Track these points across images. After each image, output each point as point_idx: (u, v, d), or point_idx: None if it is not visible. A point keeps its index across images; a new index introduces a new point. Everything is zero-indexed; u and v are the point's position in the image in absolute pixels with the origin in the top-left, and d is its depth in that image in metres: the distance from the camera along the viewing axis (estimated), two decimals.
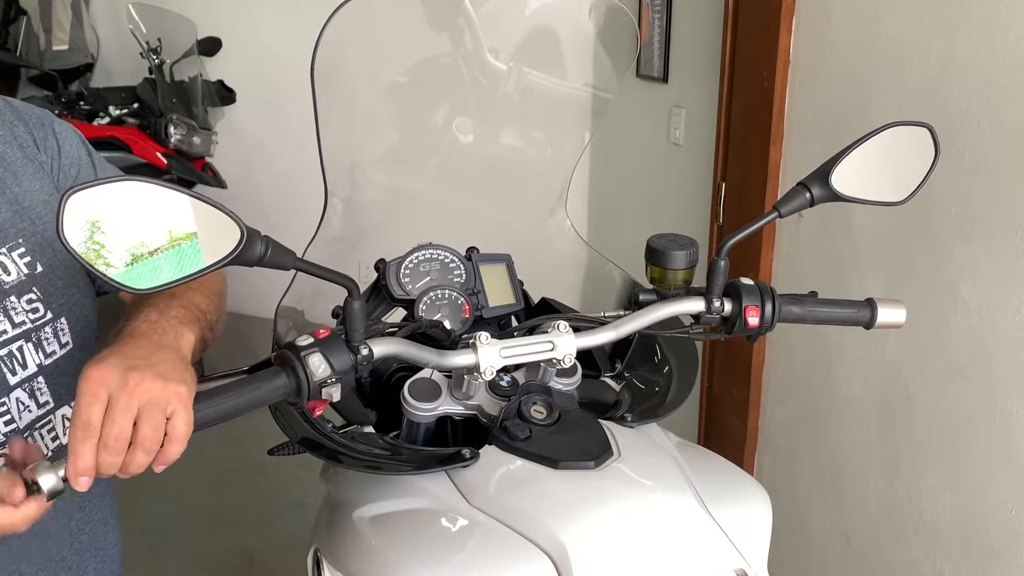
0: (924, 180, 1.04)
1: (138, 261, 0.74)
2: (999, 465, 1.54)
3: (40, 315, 1.02)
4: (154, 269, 0.74)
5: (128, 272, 0.73)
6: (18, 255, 1.01)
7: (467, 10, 1.23)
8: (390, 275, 1.14)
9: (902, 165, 1.04)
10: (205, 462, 2.94)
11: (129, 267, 0.73)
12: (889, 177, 1.04)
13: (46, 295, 1.02)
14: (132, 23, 3.50)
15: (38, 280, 1.02)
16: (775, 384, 2.17)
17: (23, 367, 1.00)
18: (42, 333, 1.02)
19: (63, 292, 1.04)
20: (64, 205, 0.71)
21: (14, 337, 0.99)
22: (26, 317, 1.00)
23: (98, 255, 0.73)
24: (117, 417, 0.76)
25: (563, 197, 1.33)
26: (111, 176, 0.80)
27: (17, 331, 0.99)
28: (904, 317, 1.06)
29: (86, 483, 0.76)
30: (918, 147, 1.03)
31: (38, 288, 1.02)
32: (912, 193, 1.04)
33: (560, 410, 1.01)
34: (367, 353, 0.89)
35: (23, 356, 1.00)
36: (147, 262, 0.74)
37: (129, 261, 0.73)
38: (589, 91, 1.35)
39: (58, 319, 1.04)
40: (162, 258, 0.74)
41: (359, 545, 0.95)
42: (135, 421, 0.78)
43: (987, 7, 1.47)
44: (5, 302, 0.99)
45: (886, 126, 1.02)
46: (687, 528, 0.91)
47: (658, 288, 1.06)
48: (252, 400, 0.84)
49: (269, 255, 0.79)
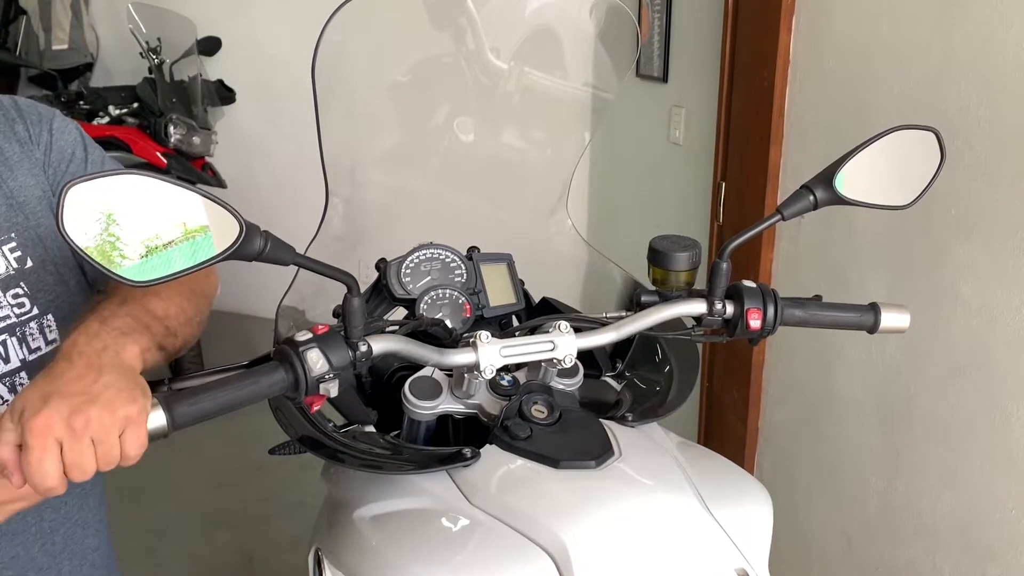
0: (929, 184, 1.03)
1: (152, 253, 0.74)
2: (999, 465, 1.54)
3: (26, 310, 1.02)
4: (168, 261, 0.75)
5: (142, 264, 0.74)
6: (8, 249, 1.02)
7: (468, 10, 1.23)
8: (391, 274, 1.14)
9: (907, 169, 1.03)
10: (205, 462, 2.95)
11: (144, 259, 0.74)
12: (894, 181, 1.04)
13: (34, 291, 1.03)
14: (131, 23, 3.51)
15: (27, 275, 1.03)
16: (775, 384, 2.17)
17: (5, 362, 1.00)
18: (27, 328, 1.02)
19: (52, 288, 1.05)
20: (64, 197, 0.71)
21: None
22: (11, 311, 1.01)
23: (113, 247, 0.73)
24: (76, 460, 0.77)
25: (564, 197, 1.33)
26: (110, 170, 0.80)
27: (1, 325, 1.00)
28: (908, 322, 1.05)
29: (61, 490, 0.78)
30: (924, 151, 1.02)
31: (26, 283, 1.02)
32: (917, 197, 1.04)
33: (561, 409, 1.00)
34: (366, 349, 0.89)
35: (6, 351, 1.00)
36: (161, 254, 0.74)
37: (144, 253, 0.74)
38: (590, 91, 1.35)
39: (44, 315, 1.04)
40: (175, 250, 0.75)
41: (360, 544, 0.95)
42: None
43: (987, 7, 1.47)
44: None
45: (891, 129, 1.02)
46: (688, 528, 0.91)
47: (660, 289, 1.06)
48: (250, 394, 0.85)
49: (268, 250, 0.80)
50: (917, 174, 1.03)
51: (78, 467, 0.77)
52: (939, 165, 1.02)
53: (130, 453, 0.79)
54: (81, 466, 0.77)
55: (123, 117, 3.58)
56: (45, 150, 1.07)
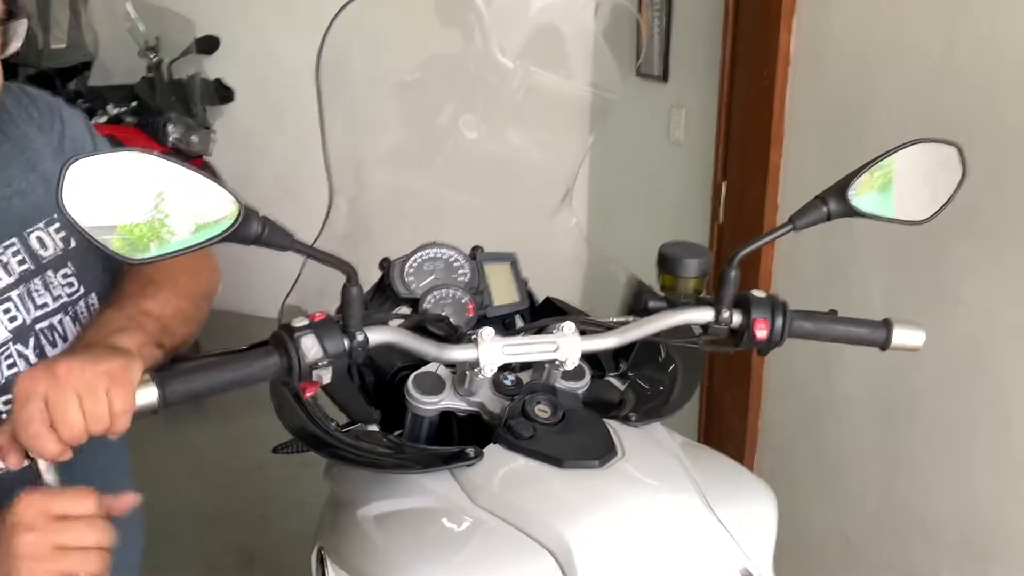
0: (949, 200, 0.99)
1: (201, 230, 0.76)
2: (999, 465, 1.54)
3: (75, 289, 1.05)
4: (190, 237, 0.76)
5: (192, 238, 0.76)
6: (54, 230, 1.04)
7: (474, 8, 1.23)
8: (394, 273, 1.14)
9: (925, 183, 1.00)
10: (205, 461, 2.95)
11: (193, 234, 0.76)
12: (911, 195, 1.00)
13: (79, 270, 1.05)
14: (130, 21, 3.50)
15: (73, 255, 1.05)
16: (775, 383, 2.17)
17: (64, 340, 1.02)
18: (77, 307, 1.04)
19: (93, 267, 1.07)
20: (64, 175, 0.72)
21: (55, 310, 1.02)
22: (63, 291, 1.03)
23: (163, 224, 0.74)
24: (60, 406, 0.78)
25: (568, 196, 1.33)
26: (113, 148, 0.81)
27: (57, 304, 1.02)
28: (922, 340, 1.02)
29: (65, 456, 0.80)
30: (943, 165, 0.99)
31: (72, 263, 1.05)
32: (935, 213, 1.00)
33: (564, 409, 1.00)
34: (362, 339, 0.89)
35: (63, 329, 1.02)
36: (206, 229, 0.76)
37: (194, 229, 0.76)
38: (593, 90, 1.35)
39: (89, 294, 1.06)
40: (218, 225, 0.76)
41: (363, 543, 0.95)
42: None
43: (987, 7, 1.47)
44: (45, 276, 1.02)
45: (911, 142, 0.99)
46: (692, 528, 0.91)
47: (668, 296, 1.06)
48: (243, 376, 0.85)
49: (266, 234, 0.80)
50: (935, 189, 0.99)
51: (64, 422, 0.78)
52: (960, 181, 0.98)
53: (117, 408, 0.80)
54: (67, 420, 0.78)
55: (121, 116, 3.57)
56: (59, 137, 1.08)
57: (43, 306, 1.01)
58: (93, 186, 0.73)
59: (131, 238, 0.75)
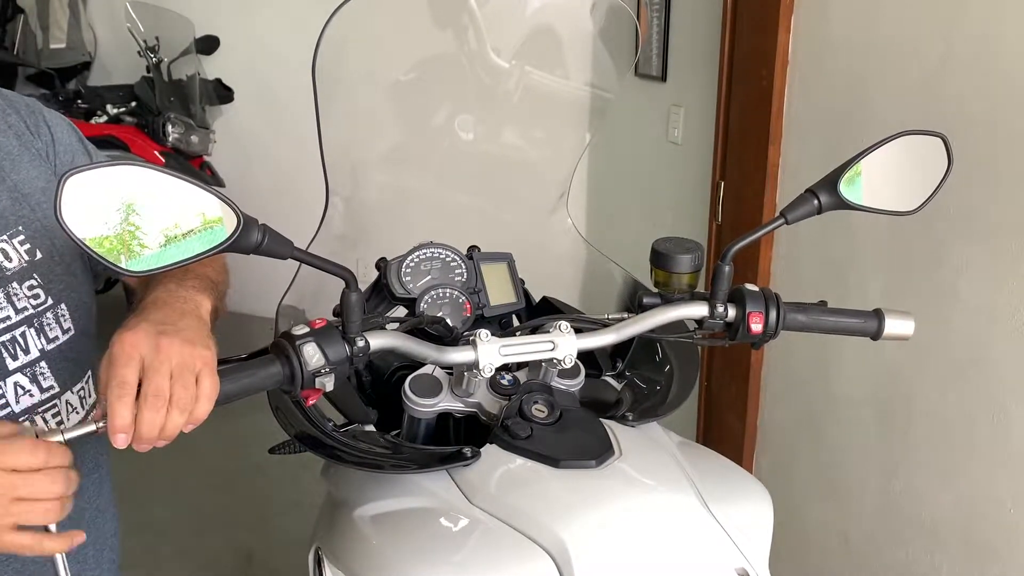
0: (936, 190, 1.02)
1: (171, 243, 0.76)
2: (998, 464, 1.54)
3: (41, 301, 1.03)
4: (184, 250, 0.76)
5: (161, 253, 0.76)
6: (18, 242, 1.02)
7: (469, 8, 1.23)
8: (391, 274, 1.14)
9: (913, 174, 1.02)
10: (204, 462, 2.94)
11: (163, 248, 0.76)
12: (900, 186, 1.03)
13: (46, 281, 1.04)
14: (129, 21, 3.50)
15: (38, 267, 1.03)
16: (774, 383, 2.17)
17: (25, 352, 1.01)
18: (44, 319, 1.03)
19: (62, 278, 1.06)
20: (62, 188, 0.72)
21: (17, 323, 1.00)
22: (28, 303, 1.02)
23: (133, 236, 0.75)
24: (154, 376, 0.80)
25: (564, 196, 1.33)
26: (110, 160, 0.80)
27: (20, 316, 1.01)
28: (912, 329, 1.04)
29: (124, 440, 0.79)
30: (930, 156, 1.01)
31: (38, 274, 1.03)
32: (923, 203, 1.03)
33: (561, 409, 1.00)
34: (363, 345, 0.89)
35: (25, 341, 1.01)
36: (179, 244, 0.76)
37: (163, 242, 0.76)
38: (590, 90, 1.35)
39: (58, 305, 1.05)
40: (194, 239, 0.77)
41: (360, 544, 0.95)
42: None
43: (987, 7, 1.47)
44: (8, 288, 1.00)
45: (898, 134, 1.01)
46: (688, 527, 0.91)
47: (662, 292, 1.06)
48: (246, 386, 0.86)
49: (266, 243, 0.80)
50: (923, 180, 1.02)
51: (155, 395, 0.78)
52: (946, 171, 1.01)
53: (207, 390, 0.82)
54: (160, 391, 0.79)
55: (121, 116, 3.58)
56: (47, 142, 1.07)
57: (5, 319, 0.99)
58: (91, 198, 0.73)
59: (128, 249, 0.75)
